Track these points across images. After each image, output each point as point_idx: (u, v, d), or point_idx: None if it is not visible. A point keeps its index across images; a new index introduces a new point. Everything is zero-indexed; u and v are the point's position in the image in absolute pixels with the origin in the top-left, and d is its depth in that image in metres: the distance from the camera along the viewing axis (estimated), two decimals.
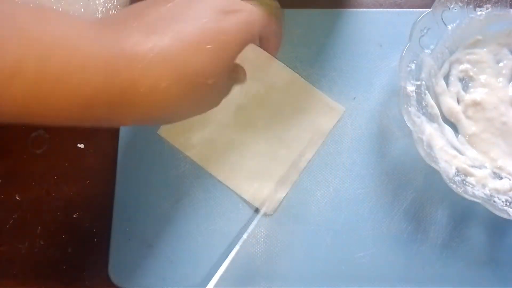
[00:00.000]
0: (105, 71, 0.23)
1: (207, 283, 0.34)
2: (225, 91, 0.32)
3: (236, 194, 0.36)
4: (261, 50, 0.38)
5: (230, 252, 0.34)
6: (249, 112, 0.37)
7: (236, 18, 0.28)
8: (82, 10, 0.38)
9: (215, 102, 0.31)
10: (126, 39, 0.24)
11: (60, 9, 0.37)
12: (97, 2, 0.38)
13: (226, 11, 0.28)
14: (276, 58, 0.38)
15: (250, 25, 0.29)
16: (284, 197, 0.36)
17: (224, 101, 0.37)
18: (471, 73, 0.37)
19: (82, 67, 0.23)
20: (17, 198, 0.37)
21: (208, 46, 0.26)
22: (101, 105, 0.24)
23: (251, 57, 0.37)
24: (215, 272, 0.34)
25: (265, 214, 0.35)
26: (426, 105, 0.34)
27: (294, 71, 0.38)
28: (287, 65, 0.38)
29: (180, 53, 0.25)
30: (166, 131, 0.37)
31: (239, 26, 0.28)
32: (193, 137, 0.37)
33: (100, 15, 0.38)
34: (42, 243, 0.36)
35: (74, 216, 0.36)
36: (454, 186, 0.31)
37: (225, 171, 0.36)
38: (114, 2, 0.38)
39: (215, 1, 0.28)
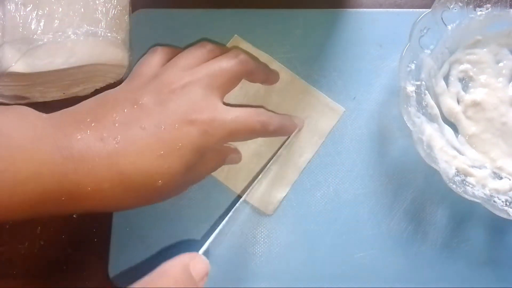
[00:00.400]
0: (53, 175, 0.25)
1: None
2: (186, 186, 0.33)
3: (236, 194, 0.36)
4: (261, 51, 0.38)
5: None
6: None
7: (196, 128, 0.29)
8: (82, 10, 0.38)
9: (172, 195, 0.32)
10: (78, 143, 0.26)
11: (60, 9, 0.37)
12: (97, 2, 0.38)
13: (190, 120, 0.29)
14: (277, 58, 0.38)
15: (209, 135, 0.30)
16: (284, 197, 0.36)
17: (224, 101, 0.37)
18: (471, 73, 0.37)
19: (35, 175, 0.25)
20: None
21: (160, 152, 0.28)
22: (49, 203, 0.26)
23: (253, 55, 0.38)
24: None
25: (265, 214, 0.35)
26: (426, 105, 0.35)
27: (294, 71, 0.38)
28: (287, 65, 0.38)
29: (128, 157, 0.27)
30: None
31: (198, 136, 0.29)
32: None
33: (99, 15, 0.38)
34: (42, 243, 0.36)
35: (74, 216, 0.36)
36: (454, 186, 0.31)
37: (224, 172, 0.36)
38: (114, 2, 0.38)
39: (183, 110, 0.29)
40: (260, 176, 0.35)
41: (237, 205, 0.33)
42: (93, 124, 0.27)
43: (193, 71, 0.31)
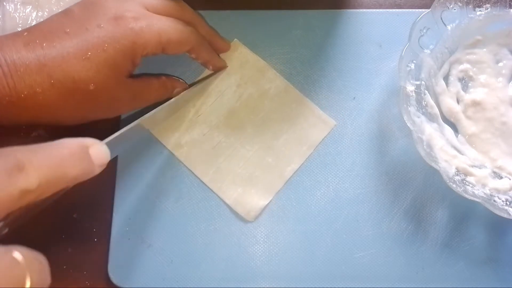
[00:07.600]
0: None
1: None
2: (126, 102, 0.32)
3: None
4: (258, 57, 0.38)
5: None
6: (240, 116, 0.37)
7: (122, 27, 0.29)
8: None
9: (114, 107, 0.32)
10: (9, 50, 0.27)
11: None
12: None
13: (115, 20, 0.29)
14: (277, 58, 0.38)
15: (137, 36, 0.29)
16: (266, 205, 0.35)
17: (217, 103, 0.37)
18: (471, 73, 0.37)
19: None
20: None
21: (87, 55, 0.28)
22: None
23: (250, 60, 0.38)
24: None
25: (246, 221, 0.35)
26: (426, 105, 0.35)
27: (294, 71, 0.38)
28: (287, 65, 0.38)
29: (57, 61, 0.28)
30: (157, 130, 0.37)
31: (125, 36, 0.29)
32: (182, 137, 0.36)
33: None
34: (42, 243, 0.36)
35: (74, 216, 0.36)
36: (454, 185, 0.31)
37: (210, 174, 0.36)
38: None
39: (108, 9, 0.29)
40: (165, 105, 0.34)
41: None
42: (25, 34, 0.29)
43: (144, 11, 0.31)
